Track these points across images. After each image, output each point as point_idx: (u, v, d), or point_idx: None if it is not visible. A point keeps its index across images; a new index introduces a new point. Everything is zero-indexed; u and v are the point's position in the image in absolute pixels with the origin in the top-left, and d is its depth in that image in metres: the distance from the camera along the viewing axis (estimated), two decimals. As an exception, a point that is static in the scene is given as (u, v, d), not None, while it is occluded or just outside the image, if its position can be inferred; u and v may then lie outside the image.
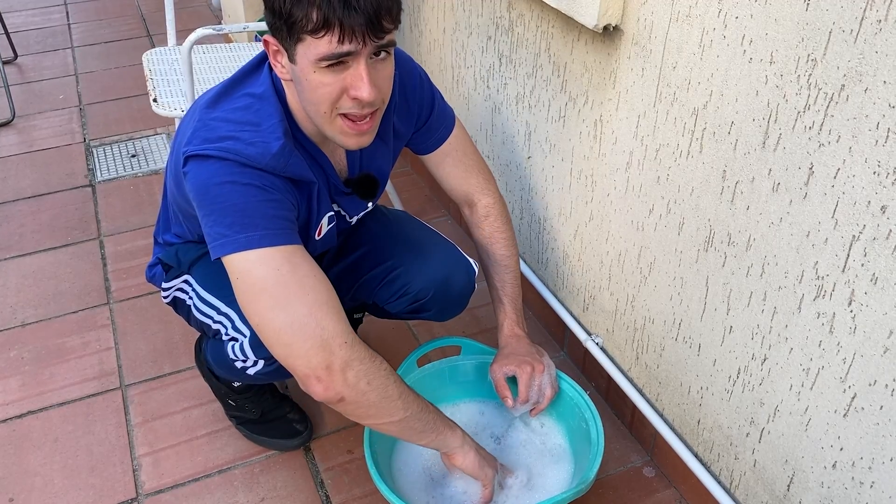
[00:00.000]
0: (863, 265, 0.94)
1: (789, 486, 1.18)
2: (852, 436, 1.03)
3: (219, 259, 1.10)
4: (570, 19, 1.38)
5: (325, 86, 1.03)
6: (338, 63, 1.01)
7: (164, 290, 1.41)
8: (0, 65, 2.90)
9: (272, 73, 1.14)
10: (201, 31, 1.70)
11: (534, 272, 1.81)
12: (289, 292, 1.06)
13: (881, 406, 0.97)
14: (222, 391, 1.53)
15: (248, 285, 1.07)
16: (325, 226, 1.28)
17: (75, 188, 2.41)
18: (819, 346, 1.04)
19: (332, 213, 1.28)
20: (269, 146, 1.08)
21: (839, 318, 1.00)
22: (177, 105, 1.89)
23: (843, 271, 0.97)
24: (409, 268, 1.37)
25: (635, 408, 1.51)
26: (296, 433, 1.55)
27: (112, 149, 2.62)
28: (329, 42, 0.98)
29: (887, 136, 0.86)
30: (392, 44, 1.04)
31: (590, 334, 1.62)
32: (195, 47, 2.18)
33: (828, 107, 0.93)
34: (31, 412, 1.64)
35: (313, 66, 1.01)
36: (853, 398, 1.01)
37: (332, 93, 1.04)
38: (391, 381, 1.13)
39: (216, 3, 3.67)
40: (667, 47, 1.17)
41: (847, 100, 0.90)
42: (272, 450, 1.55)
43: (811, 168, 0.97)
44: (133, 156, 2.58)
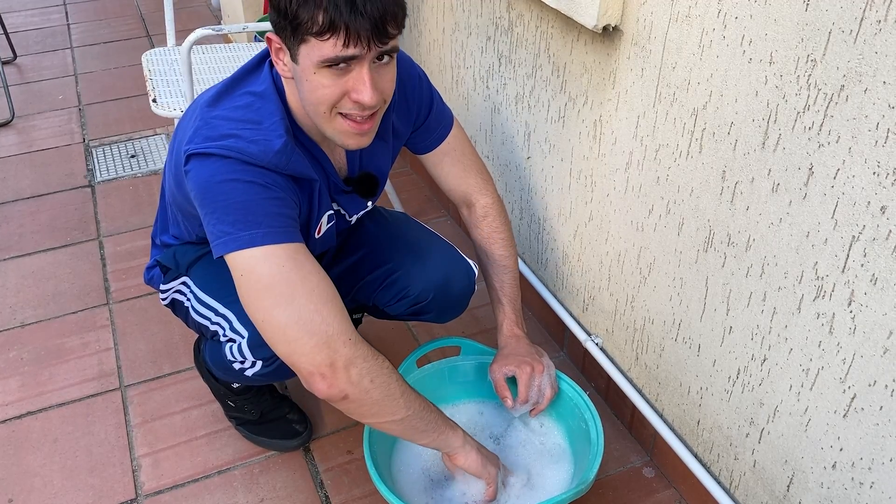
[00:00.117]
0: (862, 266, 0.94)
1: (789, 486, 1.18)
2: (852, 436, 1.03)
3: (217, 261, 1.10)
4: (570, 19, 1.38)
5: (325, 87, 1.03)
6: (341, 65, 1.01)
7: (163, 292, 1.41)
8: (-1, 65, 2.91)
9: (273, 72, 1.14)
10: (201, 32, 1.70)
11: (533, 272, 1.81)
12: (293, 289, 1.06)
13: (881, 406, 0.97)
14: (221, 392, 1.53)
15: (251, 283, 1.07)
16: (324, 224, 1.28)
17: (75, 188, 2.41)
18: (819, 346, 1.04)
19: (331, 212, 1.28)
20: (271, 144, 1.08)
21: (839, 319, 1.00)
22: (176, 105, 1.89)
23: (843, 272, 0.97)
24: (409, 270, 1.37)
25: (635, 408, 1.51)
26: (295, 434, 1.55)
27: (111, 149, 2.62)
28: (334, 45, 0.98)
29: (887, 136, 0.86)
30: (395, 49, 1.04)
31: (589, 334, 1.62)
32: (195, 48, 2.18)
33: (827, 107, 0.93)
34: (30, 413, 1.64)
35: (315, 67, 1.01)
36: (853, 399, 1.01)
37: (333, 94, 1.04)
38: (394, 380, 1.13)
39: (215, 3, 3.68)
40: (666, 48, 1.17)
41: (847, 100, 0.90)
42: (272, 450, 1.55)
43: (811, 168, 0.97)
44: (132, 156, 2.58)
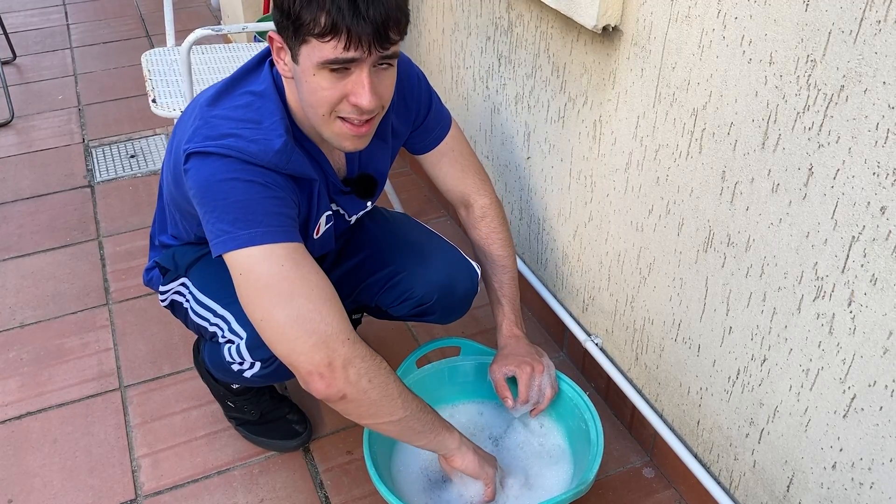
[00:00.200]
0: (862, 266, 0.94)
1: (789, 486, 1.18)
2: (852, 437, 1.03)
3: (216, 262, 1.10)
4: (570, 20, 1.38)
5: (324, 89, 1.03)
6: (341, 68, 1.01)
7: (162, 294, 1.41)
8: (-1, 65, 2.91)
9: (273, 72, 1.14)
10: (200, 32, 1.70)
11: (533, 273, 1.81)
12: (293, 288, 1.06)
13: (881, 407, 0.97)
14: (221, 392, 1.53)
15: (251, 282, 1.07)
16: (322, 225, 1.28)
17: (74, 189, 2.40)
18: (819, 346, 1.04)
19: (329, 213, 1.28)
20: (271, 143, 1.08)
21: (839, 319, 1.00)
22: (176, 105, 1.89)
23: (843, 272, 0.97)
24: (412, 272, 1.37)
25: (635, 408, 1.51)
26: (295, 434, 1.54)
27: (111, 149, 2.62)
28: (335, 47, 0.98)
29: (887, 136, 0.86)
30: (396, 55, 1.05)
31: (589, 335, 1.62)
32: (194, 48, 2.18)
33: (827, 107, 0.93)
34: (29, 413, 1.64)
35: (315, 68, 1.01)
36: (853, 399, 1.01)
37: (332, 97, 1.04)
38: (391, 380, 1.13)
39: (215, 3, 3.67)
40: (666, 48, 1.17)
41: (846, 100, 0.90)
42: (271, 451, 1.55)
43: (811, 169, 0.97)
44: (132, 156, 2.58)
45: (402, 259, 1.39)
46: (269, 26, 1.07)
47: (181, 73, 1.81)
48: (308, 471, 1.51)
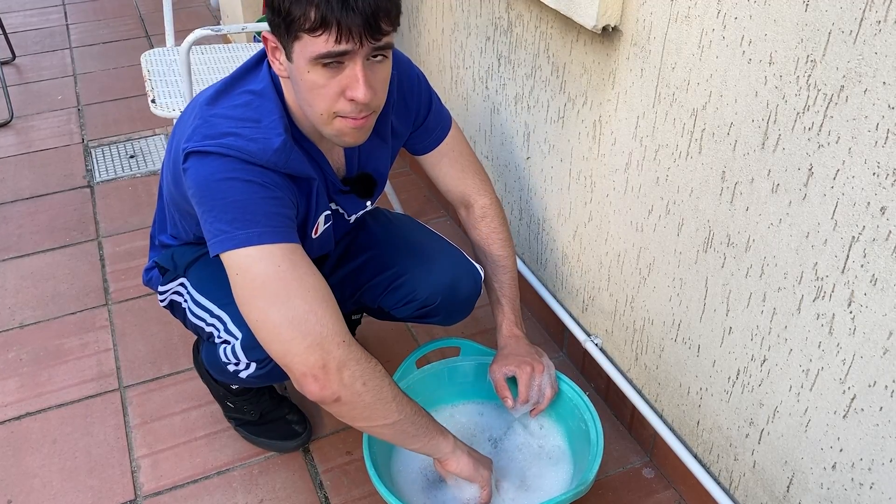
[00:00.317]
0: (862, 266, 0.94)
1: (789, 487, 1.18)
2: (852, 437, 1.03)
3: (214, 262, 1.10)
4: (569, 20, 1.38)
5: (319, 86, 1.03)
6: (334, 63, 1.01)
7: (161, 294, 1.41)
8: (-2, 65, 2.91)
9: (271, 70, 1.14)
10: (200, 32, 1.70)
11: (533, 273, 1.81)
12: (289, 289, 1.06)
13: (881, 407, 0.97)
14: (221, 393, 1.53)
15: (247, 281, 1.06)
16: (321, 225, 1.27)
17: (74, 189, 2.40)
18: (818, 347, 1.04)
19: (328, 212, 1.28)
20: (270, 142, 1.08)
21: (839, 320, 1.00)
22: (175, 106, 1.88)
23: (843, 272, 0.97)
24: (415, 274, 1.37)
25: (635, 409, 1.51)
26: (295, 434, 1.54)
27: (110, 149, 2.62)
28: (326, 41, 0.98)
29: (887, 136, 0.86)
30: (389, 46, 1.04)
31: (589, 335, 1.62)
32: (194, 48, 2.18)
33: (827, 108, 0.93)
34: (29, 414, 1.63)
35: (309, 65, 1.01)
36: (853, 399, 1.01)
37: (328, 94, 1.04)
38: (386, 384, 1.12)
39: (214, 3, 3.67)
40: (666, 48, 1.17)
41: (846, 101, 0.90)
42: (271, 451, 1.55)
43: (811, 169, 0.97)
44: (132, 156, 2.57)
45: (405, 261, 1.39)
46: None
47: (181, 74, 1.81)
48: (308, 471, 1.51)
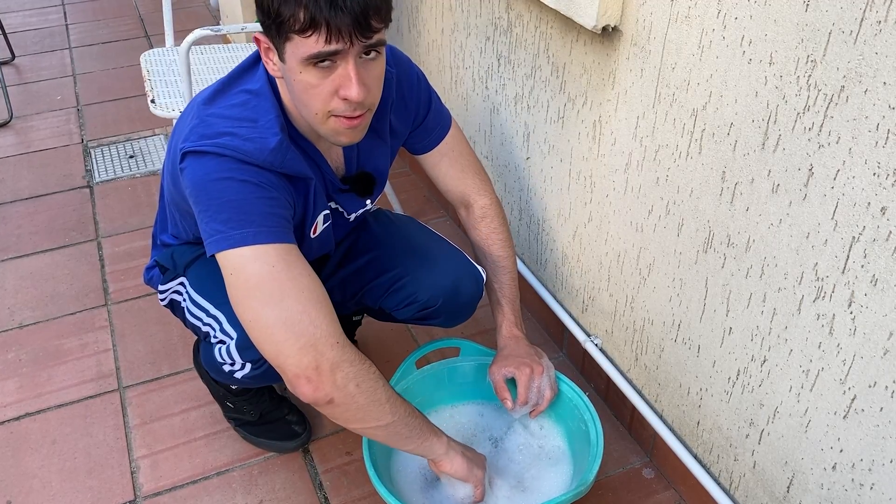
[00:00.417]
0: (862, 266, 0.94)
1: (789, 487, 1.18)
2: (852, 437, 1.03)
3: (212, 261, 1.10)
4: (569, 20, 1.38)
5: (313, 87, 1.03)
6: (326, 62, 1.01)
7: (161, 293, 1.41)
8: (-3, 65, 2.91)
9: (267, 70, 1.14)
10: (199, 32, 1.70)
11: (533, 273, 1.81)
12: (283, 289, 1.06)
13: (881, 408, 0.97)
14: (220, 393, 1.53)
15: (241, 281, 1.06)
16: (320, 224, 1.27)
17: (73, 189, 2.40)
18: (819, 347, 1.04)
19: (327, 212, 1.28)
20: (267, 142, 1.08)
21: (839, 320, 1.00)
22: (175, 106, 1.88)
23: (843, 273, 0.97)
24: (417, 276, 1.36)
25: (634, 409, 1.51)
26: (294, 435, 1.54)
27: (110, 150, 2.62)
28: (316, 41, 0.98)
29: (887, 137, 0.86)
30: (382, 43, 1.03)
31: (589, 335, 1.62)
32: (193, 48, 2.18)
33: (827, 108, 0.92)
34: (28, 414, 1.63)
35: (301, 65, 1.01)
36: (853, 400, 1.01)
37: (321, 94, 1.03)
38: (380, 385, 1.12)
39: (214, 3, 3.67)
40: (666, 48, 1.17)
41: (847, 101, 0.90)
42: (271, 451, 1.55)
43: (811, 169, 0.97)
44: (131, 156, 2.57)
45: (407, 262, 1.38)
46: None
47: (180, 74, 1.80)
48: (307, 472, 1.51)
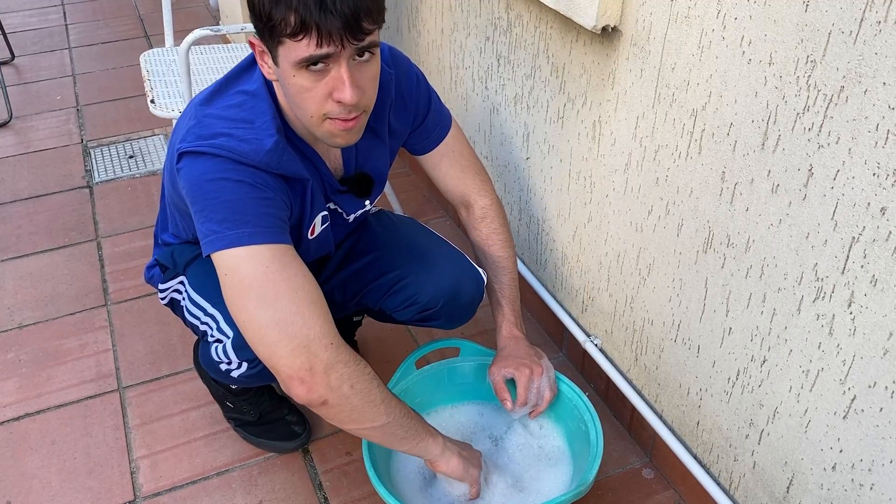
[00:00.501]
0: (862, 267, 0.94)
1: (789, 487, 1.18)
2: (852, 438, 1.03)
3: (210, 260, 1.10)
4: (569, 20, 1.38)
5: (306, 90, 1.03)
6: (318, 65, 1.00)
7: (161, 292, 1.41)
8: (-3, 66, 2.91)
9: None
10: (199, 32, 1.70)
11: (532, 273, 1.81)
12: (277, 290, 1.06)
13: (881, 408, 0.97)
14: (220, 393, 1.53)
15: (235, 282, 1.06)
16: (318, 225, 1.27)
17: (73, 189, 2.40)
18: (818, 347, 1.04)
19: (325, 213, 1.27)
20: (263, 143, 1.08)
21: (839, 320, 1.00)
22: (174, 106, 1.88)
23: (843, 273, 0.97)
24: (418, 277, 1.36)
25: (634, 409, 1.51)
26: (294, 435, 1.54)
27: (110, 150, 2.62)
28: (307, 45, 0.97)
29: (887, 137, 0.86)
30: (375, 44, 1.03)
31: (588, 336, 1.62)
32: (193, 48, 2.18)
33: (827, 108, 0.92)
34: (28, 414, 1.63)
35: (294, 68, 1.01)
36: (853, 400, 1.01)
37: (315, 97, 1.03)
38: (374, 386, 1.12)
39: (214, 3, 3.67)
40: (665, 48, 1.17)
41: (846, 101, 0.90)
42: (270, 452, 1.55)
43: (810, 169, 0.97)
44: (131, 157, 2.57)
45: (407, 263, 1.38)
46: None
47: (180, 74, 1.80)
48: (307, 472, 1.51)
